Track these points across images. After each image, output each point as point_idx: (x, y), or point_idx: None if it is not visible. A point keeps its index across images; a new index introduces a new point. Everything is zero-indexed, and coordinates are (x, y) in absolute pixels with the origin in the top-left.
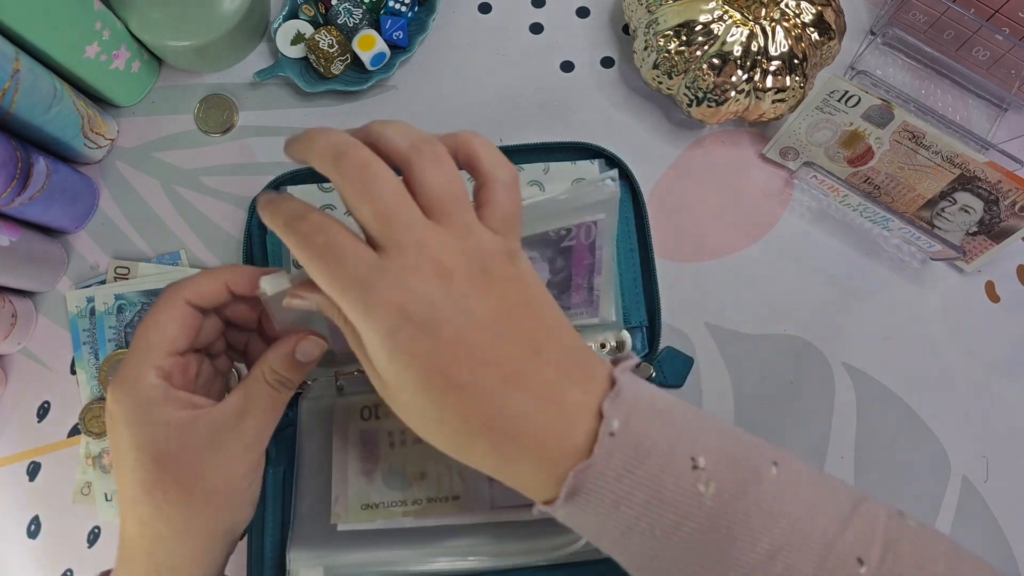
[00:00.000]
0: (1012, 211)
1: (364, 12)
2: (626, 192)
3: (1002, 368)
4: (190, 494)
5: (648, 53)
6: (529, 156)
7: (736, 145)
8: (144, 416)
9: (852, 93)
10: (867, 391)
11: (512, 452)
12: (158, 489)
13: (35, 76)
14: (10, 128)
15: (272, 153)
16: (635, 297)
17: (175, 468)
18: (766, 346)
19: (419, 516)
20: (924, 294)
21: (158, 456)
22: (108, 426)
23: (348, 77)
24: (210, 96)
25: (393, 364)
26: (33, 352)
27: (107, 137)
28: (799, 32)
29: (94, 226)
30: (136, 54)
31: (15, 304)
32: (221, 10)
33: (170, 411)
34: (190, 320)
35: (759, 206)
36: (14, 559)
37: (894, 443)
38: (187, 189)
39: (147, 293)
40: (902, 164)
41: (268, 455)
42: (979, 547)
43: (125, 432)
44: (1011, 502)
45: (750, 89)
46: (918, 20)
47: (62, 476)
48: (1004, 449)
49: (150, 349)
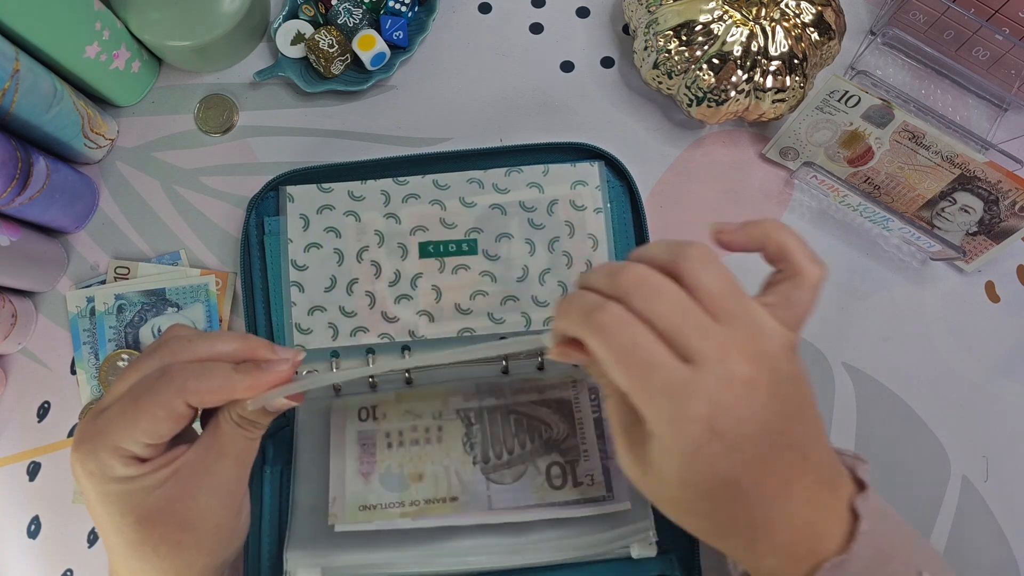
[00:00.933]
0: (1012, 211)
1: (364, 12)
2: (624, 193)
3: (1002, 368)
4: (180, 546)
5: (648, 53)
6: (528, 157)
7: (736, 145)
8: (118, 489)
9: (852, 93)
10: (867, 391)
11: (765, 550)
12: (147, 547)
13: (35, 76)
14: (10, 128)
15: (272, 153)
16: None
17: (161, 525)
18: None
19: (417, 517)
20: (924, 294)
21: (141, 518)
22: (81, 487)
23: (348, 77)
24: (210, 96)
25: (685, 471)
26: (33, 352)
27: (107, 137)
28: (799, 32)
29: (94, 226)
30: (136, 54)
31: (15, 304)
32: (221, 10)
33: (145, 479)
34: (185, 419)
35: (759, 206)
36: (14, 559)
37: (894, 443)
38: (187, 189)
39: (147, 293)
40: (902, 164)
41: (265, 454)
42: (979, 547)
43: (99, 504)
44: (1011, 502)
45: (750, 89)
46: (918, 20)
47: (62, 476)
48: (1004, 449)
49: (134, 437)
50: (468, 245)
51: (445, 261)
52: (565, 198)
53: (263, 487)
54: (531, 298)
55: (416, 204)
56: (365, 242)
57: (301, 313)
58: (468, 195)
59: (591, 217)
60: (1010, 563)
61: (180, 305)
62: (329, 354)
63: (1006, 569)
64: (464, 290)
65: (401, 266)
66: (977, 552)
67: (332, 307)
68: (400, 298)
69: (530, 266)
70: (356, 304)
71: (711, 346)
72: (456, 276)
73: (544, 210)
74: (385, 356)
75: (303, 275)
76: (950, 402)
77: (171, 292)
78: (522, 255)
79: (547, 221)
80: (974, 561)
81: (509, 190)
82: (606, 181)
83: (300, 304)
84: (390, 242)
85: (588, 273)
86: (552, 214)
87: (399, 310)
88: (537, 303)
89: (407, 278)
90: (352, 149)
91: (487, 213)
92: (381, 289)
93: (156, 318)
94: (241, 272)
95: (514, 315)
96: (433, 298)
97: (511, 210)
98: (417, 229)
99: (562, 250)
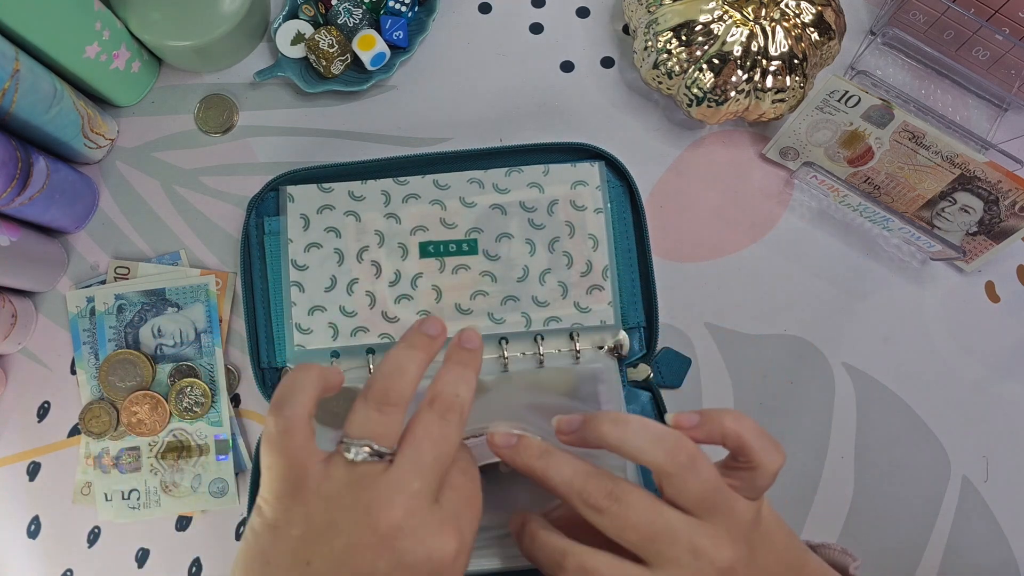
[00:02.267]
0: (1012, 211)
1: (364, 12)
2: (624, 193)
3: (1002, 368)
4: None
5: (648, 53)
6: (529, 157)
7: (736, 145)
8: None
9: (852, 93)
10: (867, 391)
11: None
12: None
13: (35, 76)
14: (10, 128)
15: (272, 153)
16: (632, 298)
17: None
18: (766, 346)
19: None
20: (924, 294)
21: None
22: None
23: (348, 77)
24: (210, 96)
25: None
26: (33, 352)
27: (107, 137)
28: (799, 32)
29: (94, 226)
30: (136, 54)
31: (15, 304)
32: (221, 10)
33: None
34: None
35: (759, 206)
36: (14, 559)
37: (894, 443)
38: (187, 189)
39: (147, 293)
40: (902, 164)
41: None
42: (979, 547)
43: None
44: (1011, 502)
45: (750, 89)
46: (918, 20)
47: (62, 476)
48: (1004, 449)
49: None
50: (468, 245)
51: (445, 261)
52: (565, 198)
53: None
54: (531, 298)
55: (416, 204)
56: (365, 242)
57: (301, 313)
58: (468, 195)
59: (591, 217)
60: (1010, 563)
61: (180, 305)
62: (329, 354)
63: (1006, 569)
64: (464, 290)
65: (401, 266)
66: (977, 552)
67: (332, 307)
68: (400, 298)
69: (530, 266)
70: (356, 304)
71: (681, 550)
72: (456, 276)
73: (544, 210)
74: None
75: (303, 275)
76: (950, 402)
77: (171, 292)
78: (522, 255)
79: (547, 221)
80: (974, 561)
81: (509, 190)
82: (606, 181)
83: (300, 304)
84: (390, 242)
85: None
86: (552, 214)
87: (399, 310)
88: (537, 303)
89: (407, 278)
90: (352, 149)
91: (487, 213)
92: (381, 289)
93: (156, 318)
94: (241, 272)
95: (514, 315)
96: (433, 298)
97: (511, 210)
98: (417, 229)
99: (562, 250)
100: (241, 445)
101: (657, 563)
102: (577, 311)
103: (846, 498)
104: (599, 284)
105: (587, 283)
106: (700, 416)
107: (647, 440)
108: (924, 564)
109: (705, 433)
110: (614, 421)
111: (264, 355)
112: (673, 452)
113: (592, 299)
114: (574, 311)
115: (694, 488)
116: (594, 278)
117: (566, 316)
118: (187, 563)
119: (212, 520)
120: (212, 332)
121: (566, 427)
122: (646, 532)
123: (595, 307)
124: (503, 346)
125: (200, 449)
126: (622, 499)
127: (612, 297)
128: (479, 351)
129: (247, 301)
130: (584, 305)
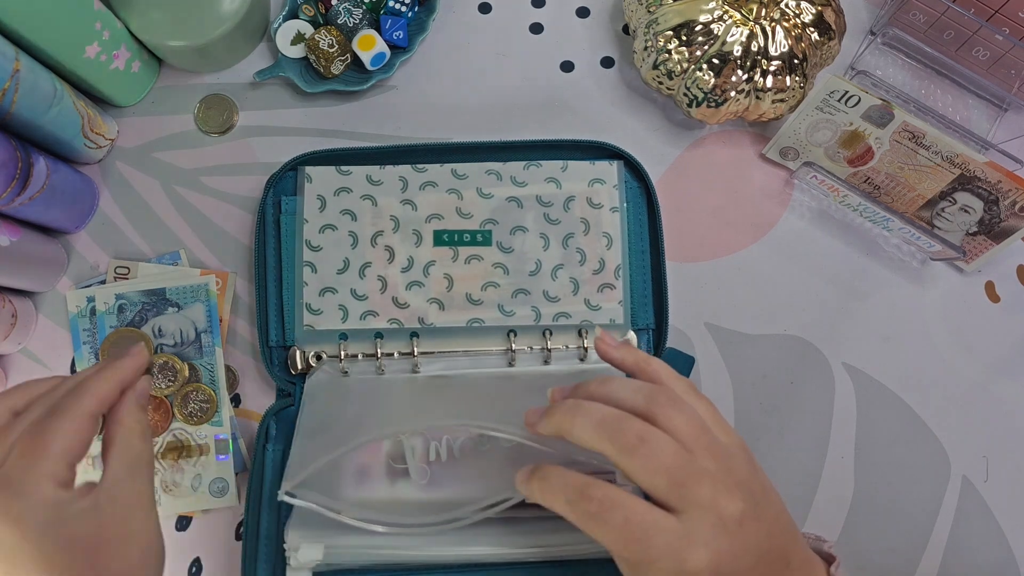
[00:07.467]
0: (1012, 211)
1: (364, 12)
2: (640, 194)
3: (1002, 368)
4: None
5: (648, 53)
6: (548, 153)
7: (736, 145)
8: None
9: (852, 93)
10: (867, 391)
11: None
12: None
13: (35, 76)
14: (10, 128)
15: (272, 153)
16: (643, 299)
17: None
18: (766, 346)
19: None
20: (924, 294)
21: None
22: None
23: (348, 77)
24: (210, 96)
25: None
26: (33, 352)
27: (107, 137)
28: (799, 32)
29: (94, 226)
30: (136, 54)
31: (15, 304)
32: (221, 10)
33: (76, 505)
34: (93, 431)
35: (759, 206)
36: None
37: (894, 443)
38: (187, 189)
39: (147, 293)
40: (902, 164)
41: (268, 433)
42: (979, 547)
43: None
44: (1011, 502)
45: (750, 89)
46: (918, 20)
47: None
48: (1004, 449)
49: (53, 458)
50: (483, 236)
51: (459, 250)
52: (582, 195)
53: (264, 465)
54: (542, 292)
55: (433, 192)
56: (380, 227)
57: (312, 293)
58: (485, 186)
59: (607, 215)
60: (1010, 563)
61: (180, 305)
62: (338, 336)
63: (1006, 569)
64: (476, 280)
65: (415, 253)
66: (977, 552)
67: (343, 289)
68: (412, 284)
69: (543, 260)
70: (368, 288)
71: (703, 493)
72: (469, 266)
73: (560, 206)
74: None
75: (317, 256)
76: (950, 402)
77: (171, 292)
78: (536, 249)
79: (563, 217)
80: (974, 561)
81: (527, 183)
82: (624, 181)
83: (312, 284)
84: (405, 228)
85: (581, 414)
86: (568, 210)
87: (410, 296)
88: (548, 298)
89: (420, 265)
90: None
91: (503, 205)
92: (393, 274)
93: (157, 318)
94: (255, 250)
95: (524, 308)
96: (445, 286)
97: (527, 203)
98: (433, 217)
99: (576, 247)
100: (241, 445)
101: (684, 509)
102: (587, 308)
103: (846, 498)
104: (611, 283)
105: (599, 281)
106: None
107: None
108: (924, 564)
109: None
110: (607, 385)
111: (274, 334)
112: (651, 393)
113: (603, 297)
114: (584, 308)
115: (684, 425)
116: (606, 276)
117: (576, 312)
118: (187, 563)
119: (212, 520)
120: (212, 332)
121: (531, 416)
122: (677, 476)
123: (605, 305)
124: (511, 339)
125: (200, 449)
126: (651, 441)
127: (623, 296)
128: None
129: (259, 279)
130: (595, 303)
